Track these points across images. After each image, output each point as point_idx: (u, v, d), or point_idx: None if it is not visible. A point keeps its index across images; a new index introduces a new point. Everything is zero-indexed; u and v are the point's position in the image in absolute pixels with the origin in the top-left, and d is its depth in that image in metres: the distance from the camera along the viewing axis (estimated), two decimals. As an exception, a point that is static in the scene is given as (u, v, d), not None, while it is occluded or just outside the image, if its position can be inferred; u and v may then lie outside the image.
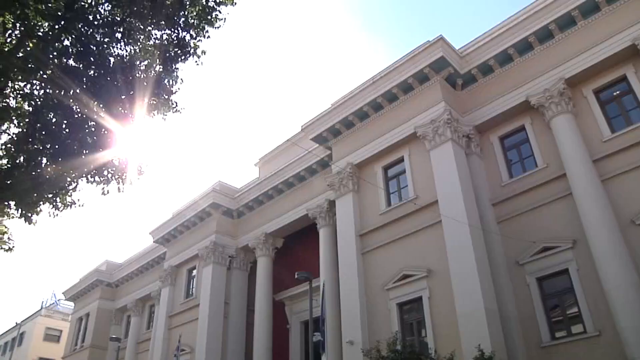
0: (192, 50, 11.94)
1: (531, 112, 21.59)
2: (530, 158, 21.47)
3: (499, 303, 18.46)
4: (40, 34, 10.18)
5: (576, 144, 19.36)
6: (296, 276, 20.88)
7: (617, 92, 20.02)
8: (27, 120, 10.79)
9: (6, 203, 11.20)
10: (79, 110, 10.85)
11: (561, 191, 19.54)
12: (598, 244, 17.35)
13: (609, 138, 19.22)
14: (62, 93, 10.45)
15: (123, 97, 11.12)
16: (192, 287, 33.82)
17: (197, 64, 12.07)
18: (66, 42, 10.45)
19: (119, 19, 10.88)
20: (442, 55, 22.13)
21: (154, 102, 11.92)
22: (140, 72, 11.49)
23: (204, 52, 12.07)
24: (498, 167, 22.04)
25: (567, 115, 20.10)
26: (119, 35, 10.98)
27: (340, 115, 25.58)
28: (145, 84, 11.48)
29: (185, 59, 12.00)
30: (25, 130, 10.83)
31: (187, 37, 11.80)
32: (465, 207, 19.51)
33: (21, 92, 10.75)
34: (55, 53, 10.36)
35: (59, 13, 9.98)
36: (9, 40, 10.15)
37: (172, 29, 11.60)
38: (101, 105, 10.82)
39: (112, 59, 11.03)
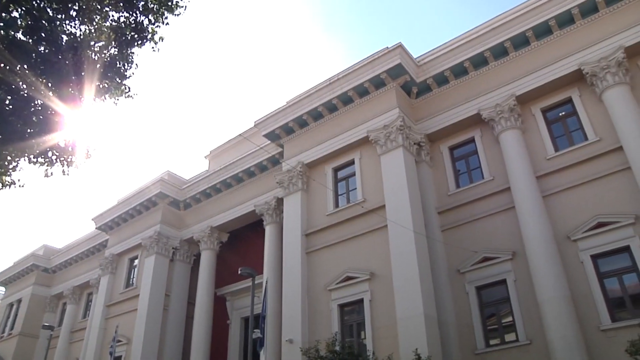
0: (149, 36, 11.63)
1: (481, 125, 22.20)
2: (477, 170, 22.07)
3: (438, 309, 18.85)
4: (-16, 2, 9.72)
5: (522, 159, 20.05)
6: (239, 272, 20.67)
7: (563, 113, 20.88)
8: (-35, 93, 10.29)
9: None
10: (24, 87, 10.43)
11: (505, 204, 20.16)
12: (535, 257, 17.99)
13: (553, 156, 19.96)
14: (7, 67, 10.02)
15: (73, 77, 10.74)
16: (133, 277, 33.10)
17: (154, 50, 11.79)
18: (15, 14, 10.02)
19: (74, -5, 10.51)
20: (400, 63, 22.43)
21: (106, 85, 11.58)
22: (93, 53, 11.13)
23: (161, 39, 11.79)
24: (446, 176, 22.55)
25: (515, 131, 20.77)
26: (73, 13, 10.60)
27: (295, 114, 25.57)
28: (98, 65, 11.12)
29: (142, 44, 11.68)
30: (-37, 103, 10.33)
31: (145, 22, 11.50)
32: (412, 214, 19.82)
33: (-40, 62, 10.25)
34: (1, 24, 9.91)
35: (9, -18, 9.57)
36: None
37: (130, 12, 11.27)
38: (50, 84, 10.43)
39: (64, 37, 10.64)
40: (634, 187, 17.43)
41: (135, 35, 11.51)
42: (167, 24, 11.74)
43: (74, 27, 10.81)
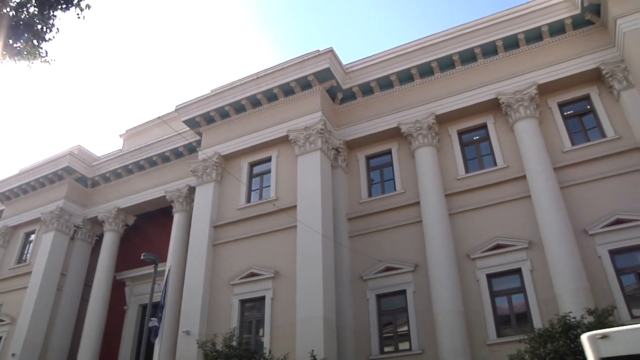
0: (75, 0, 11.05)
1: (399, 139, 22.85)
2: (390, 181, 22.67)
3: (337, 313, 19.16)
4: None
5: (434, 176, 20.89)
6: (142, 257, 20.09)
7: (477, 137, 21.94)
8: None
9: None
10: None
11: (412, 217, 20.83)
12: (436, 271, 18.76)
13: (463, 177, 20.91)
14: None
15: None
16: (27, 253, 31.25)
17: (79, 17, 11.19)
18: None
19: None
20: (329, 67, 22.71)
21: (20, 46, 10.88)
22: (8, 9, 10.42)
23: (88, 6, 11.20)
24: (360, 184, 22.99)
25: (430, 148, 21.58)
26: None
27: (217, 104, 25.25)
28: (13, 23, 10.42)
29: (67, 8, 11.02)
30: None
31: (72, -16, 10.90)
32: (322, 217, 20.04)
33: None
34: None
35: None
36: None
37: (56, -30, 10.65)
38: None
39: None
40: (531, 214, 18.61)
41: (60, -2, 10.86)
42: (97, -10, 11.20)
43: (-11, -24, 10.09)
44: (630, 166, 18.12)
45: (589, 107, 20.44)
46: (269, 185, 22.93)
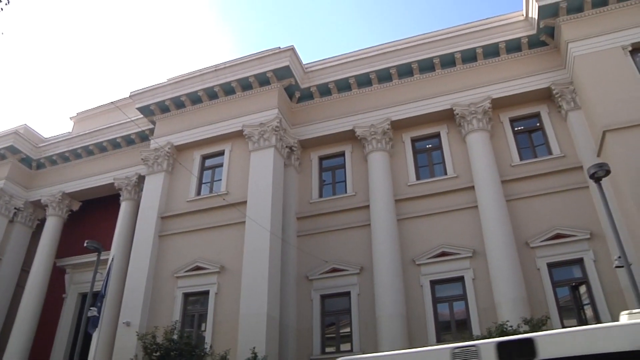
0: (28, -28, 10.61)
1: (354, 142, 23.04)
2: (342, 183, 22.84)
3: (281, 311, 19.18)
4: None
5: (385, 181, 21.16)
6: (85, 244, 19.54)
7: (430, 145, 22.36)
8: None
9: None
10: None
11: (361, 220, 21.04)
12: (381, 274, 19.01)
13: (413, 183, 21.27)
14: None
15: None
16: (-40, 234, 29.90)
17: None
18: None
19: None
20: (288, 65, 22.71)
21: (-35, 14, 10.37)
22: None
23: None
24: (311, 184, 23.07)
25: (383, 153, 21.84)
26: None
27: (173, 93, 24.85)
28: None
29: (19, -21, 10.63)
30: None
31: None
32: (271, 214, 20.03)
33: None
34: None
35: None
36: None
37: None
38: None
39: None
40: (477, 224, 19.11)
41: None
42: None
43: None
44: (572, 184, 18.86)
45: (538, 124, 21.15)
46: (220, 179, 22.71)
